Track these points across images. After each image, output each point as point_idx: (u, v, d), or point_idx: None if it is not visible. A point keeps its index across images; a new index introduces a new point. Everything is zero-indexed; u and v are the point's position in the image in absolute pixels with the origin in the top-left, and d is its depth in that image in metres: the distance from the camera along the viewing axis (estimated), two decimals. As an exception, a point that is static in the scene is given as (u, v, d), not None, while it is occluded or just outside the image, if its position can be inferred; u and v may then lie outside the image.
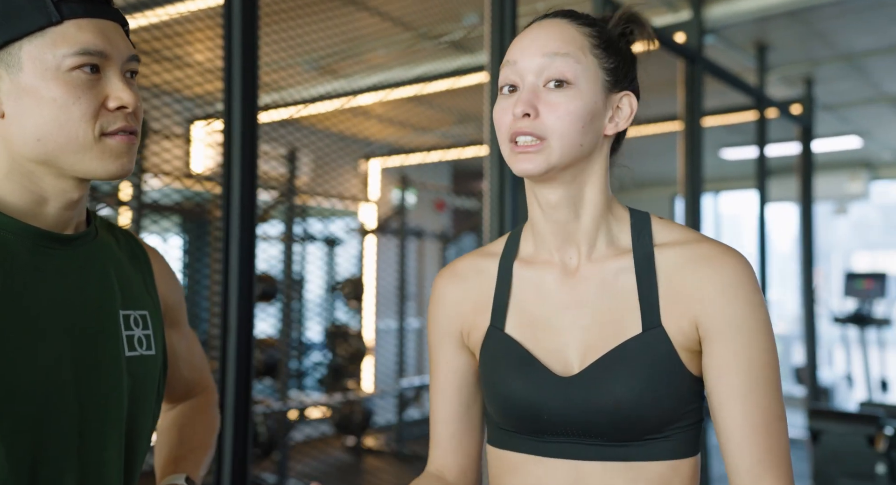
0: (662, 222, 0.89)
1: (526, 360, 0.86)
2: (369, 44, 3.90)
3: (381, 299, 5.69)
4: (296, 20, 3.11)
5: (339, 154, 5.30)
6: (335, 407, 4.95)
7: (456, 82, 3.81)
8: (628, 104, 0.86)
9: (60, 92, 0.77)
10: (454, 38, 3.73)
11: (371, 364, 5.47)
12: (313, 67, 4.06)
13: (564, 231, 0.88)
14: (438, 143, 5.66)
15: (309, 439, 5.11)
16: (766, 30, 3.91)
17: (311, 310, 5.30)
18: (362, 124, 5.26)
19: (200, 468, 1.00)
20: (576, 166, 0.85)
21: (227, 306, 1.55)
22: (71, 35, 0.77)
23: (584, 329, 0.86)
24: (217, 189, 3.95)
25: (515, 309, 0.90)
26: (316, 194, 4.81)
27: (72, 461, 0.80)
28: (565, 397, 0.83)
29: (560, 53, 0.82)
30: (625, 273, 0.86)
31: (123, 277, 0.90)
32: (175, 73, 3.16)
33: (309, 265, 5.07)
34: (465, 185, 6.60)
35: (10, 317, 0.76)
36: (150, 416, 0.92)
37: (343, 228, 5.60)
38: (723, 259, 0.83)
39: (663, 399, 0.81)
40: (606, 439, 0.83)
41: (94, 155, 0.79)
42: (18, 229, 0.80)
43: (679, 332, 0.83)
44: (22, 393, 0.75)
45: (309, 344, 5.31)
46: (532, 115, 0.82)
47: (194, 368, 1.07)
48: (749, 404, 0.80)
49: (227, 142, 1.57)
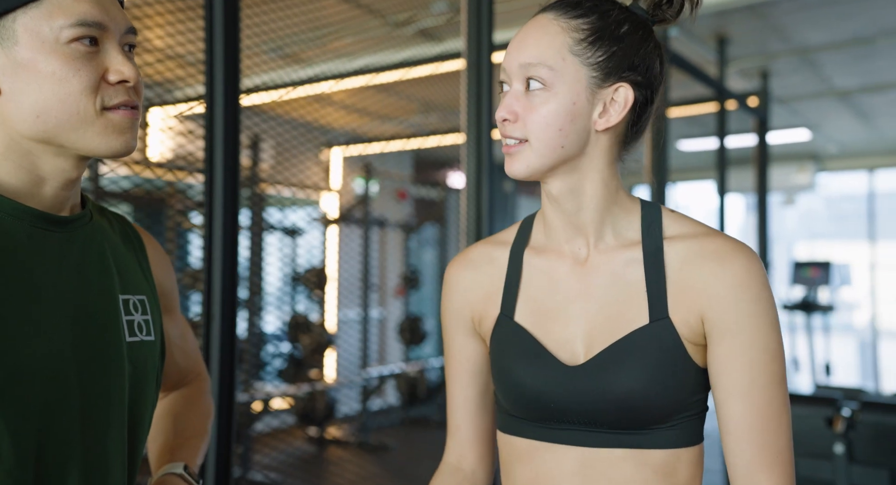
0: (673, 215, 0.90)
1: (534, 349, 0.87)
2: (332, 29, 3.85)
3: (344, 289, 5.65)
4: (260, 6, 3.05)
5: (300, 142, 5.22)
6: (298, 398, 4.91)
7: (421, 70, 3.79)
8: (623, 96, 0.84)
9: (59, 65, 0.74)
10: (422, 26, 3.71)
11: (334, 354, 5.43)
12: (277, 54, 3.99)
13: (571, 222, 0.89)
14: (404, 132, 5.63)
15: (272, 430, 5.05)
16: (726, 22, 4.00)
17: (273, 301, 5.23)
18: (324, 112, 5.19)
19: (197, 457, 0.99)
20: (568, 163, 0.85)
21: (210, 295, 1.52)
22: (67, 5, 0.74)
23: (591, 319, 0.87)
24: (168, 176, 3.85)
25: (525, 298, 0.91)
26: (278, 183, 4.74)
27: (76, 449, 0.77)
28: (572, 386, 0.85)
29: (533, 63, 0.83)
30: (633, 264, 0.87)
31: (120, 260, 0.88)
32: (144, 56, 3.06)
33: (270, 255, 4.99)
34: (427, 174, 6.59)
35: (11, 300, 0.73)
36: (150, 403, 0.89)
37: (305, 217, 5.53)
38: (732, 255, 0.83)
39: (669, 389, 0.83)
40: (613, 427, 0.84)
41: (96, 130, 0.76)
42: (15, 211, 0.76)
43: (685, 324, 0.84)
44: (26, 379, 0.73)
45: (271, 335, 5.24)
46: (512, 118, 0.84)
47: (187, 355, 1.05)
48: (750, 401, 0.81)
49: (208, 132, 1.53)
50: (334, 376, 5.48)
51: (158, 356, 0.91)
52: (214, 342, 1.51)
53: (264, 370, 5.09)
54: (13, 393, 0.71)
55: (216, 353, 1.51)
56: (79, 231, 0.83)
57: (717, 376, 0.83)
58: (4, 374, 0.71)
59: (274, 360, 5.16)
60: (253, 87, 3.79)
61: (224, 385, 1.52)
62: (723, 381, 0.83)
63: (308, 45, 3.97)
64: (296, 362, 4.98)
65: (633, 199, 0.92)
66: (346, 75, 4.01)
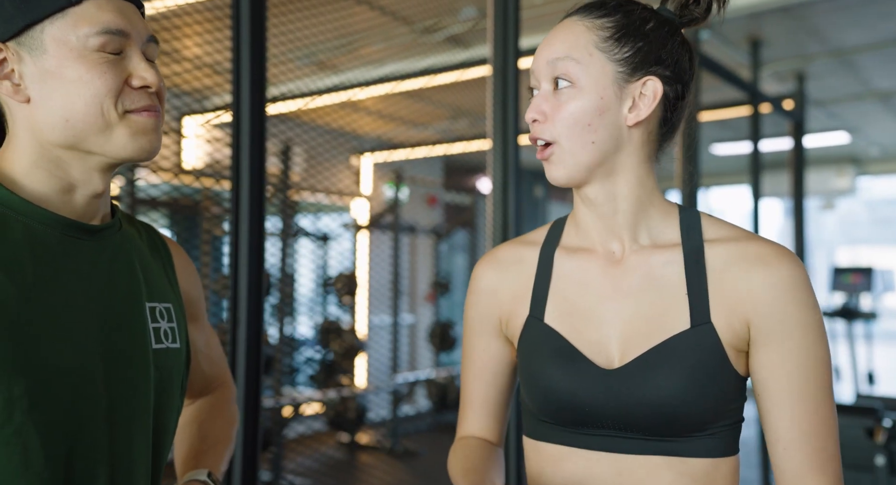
0: (713, 219, 0.89)
1: (566, 351, 0.86)
2: (366, 38, 3.88)
3: (375, 295, 5.68)
4: (292, 14, 3.08)
5: (331, 149, 5.27)
6: (329, 403, 4.94)
7: (450, 76, 3.80)
8: (651, 89, 0.84)
9: (84, 70, 0.76)
10: (452, 32, 3.72)
11: (364, 360, 5.46)
12: (310, 62, 4.04)
13: (606, 222, 0.88)
14: (432, 137, 5.65)
15: (303, 436, 5.09)
16: (760, 25, 3.93)
17: (304, 306, 5.27)
18: (354, 118, 5.24)
19: (221, 463, 1.00)
20: (604, 165, 0.85)
21: (236, 301, 1.53)
22: (92, 14, 0.77)
23: (626, 321, 0.85)
24: (208, 184, 3.92)
25: (556, 299, 0.89)
26: (310, 190, 4.79)
27: (103, 452, 0.79)
28: (608, 390, 0.83)
29: (560, 58, 0.84)
30: (671, 266, 0.85)
31: (148, 269, 0.89)
32: (172, 67, 3.12)
33: (301, 262, 5.04)
34: (457, 180, 6.60)
35: (42, 306, 0.75)
36: (175, 410, 0.91)
37: (336, 223, 5.57)
38: (777, 260, 0.82)
39: (709, 397, 0.81)
40: (649, 433, 0.82)
41: (119, 133, 0.78)
42: (47, 219, 0.78)
43: (729, 329, 0.82)
44: (55, 383, 0.74)
45: (302, 340, 5.28)
46: (541, 118, 0.84)
47: (213, 363, 1.06)
48: (799, 408, 0.80)
49: (235, 139, 1.55)
50: (365, 381, 5.50)
51: (184, 363, 0.92)
52: (240, 347, 1.53)
53: (296, 376, 5.13)
54: (42, 397, 0.73)
55: (242, 358, 1.52)
56: (108, 239, 0.85)
57: (764, 383, 0.82)
58: (34, 378, 0.72)
59: (305, 365, 5.20)
60: (279, 95, 3.84)
61: (250, 390, 1.53)
62: (770, 387, 0.81)
63: (337, 53, 4.01)
64: (327, 368, 5.01)
65: (671, 203, 0.91)
66: (374, 82, 4.04)
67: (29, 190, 0.79)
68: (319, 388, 4.96)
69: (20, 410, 0.71)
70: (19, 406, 0.71)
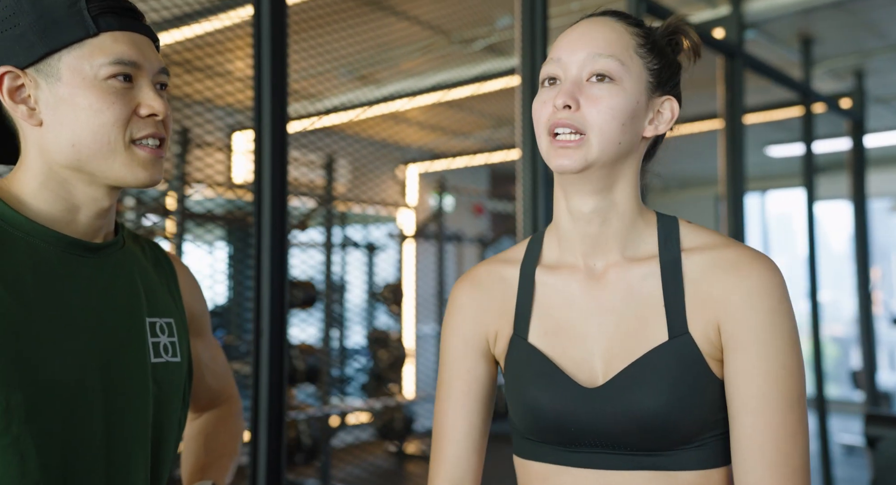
0: (691, 227, 0.87)
1: (550, 370, 0.85)
2: (403, 50, 3.92)
3: (422, 304, 5.70)
4: (331, 28, 3.14)
5: (377, 160, 5.33)
6: (376, 413, 4.97)
7: (491, 85, 3.80)
8: (669, 109, 0.85)
9: (95, 99, 0.80)
10: (489, 41, 3.72)
11: (412, 369, 5.48)
12: (351, 75, 4.10)
13: (593, 237, 0.86)
14: (474, 147, 5.65)
15: (351, 445, 5.13)
16: (811, 22, 3.79)
17: (353, 316, 5.33)
18: (400, 130, 5.29)
19: (226, 476, 1.02)
20: (610, 168, 0.83)
21: (259, 312, 1.56)
22: (107, 46, 0.81)
23: (608, 337, 0.84)
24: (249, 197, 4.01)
25: (539, 317, 0.88)
26: (356, 201, 4.85)
27: (99, 465, 0.81)
28: (592, 408, 0.81)
29: (604, 54, 0.81)
30: (650, 279, 0.84)
31: (149, 285, 0.92)
32: (216, 80, 3.21)
33: (350, 271, 5.10)
34: (502, 188, 6.58)
35: (42, 321, 0.78)
36: (176, 423, 0.92)
37: (383, 233, 5.63)
38: (750, 265, 0.80)
39: (693, 408, 0.79)
40: (636, 448, 0.81)
41: (122, 161, 0.82)
42: (50, 237, 0.82)
43: (705, 338, 0.81)
44: (51, 395, 0.77)
45: (351, 350, 5.34)
46: (573, 107, 0.80)
47: (218, 376, 1.08)
48: (762, 418, 0.77)
49: (257, 151, 1.58)
50: (412, 391, 5.52)
51: (185, 377, 0.94)
52: (263, 358, 1.55)
53: (343, 385, 5.19)
54: (39, 408, 0.76)
55: (265, 368, 1.55)
56: (109, 257, 0.88)
57: (730, 389, 0.79)
58: (31, 391, 0.75)
59: (351, 375, 5.25)
60: (324, 109, 3.90)
61: (273, 400, 1.55)
62: (735, 394, 0.79)
63: (379, 66, 4.06)
64: (374, 377, 5.05)
65: (651, 212, 0.89)
66: (415, 93, 4.07)
67: (35, 210, 0.83)
68: (367, 397, 5.00)
69: (17, 420, 0.74)
70: (17, 417, 0.74)
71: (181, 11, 2.57)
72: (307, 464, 4.29)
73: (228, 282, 4.59)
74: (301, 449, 4.19)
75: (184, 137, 3.48)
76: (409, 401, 5.12)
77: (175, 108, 3.33)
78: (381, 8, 3.29)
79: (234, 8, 2.49)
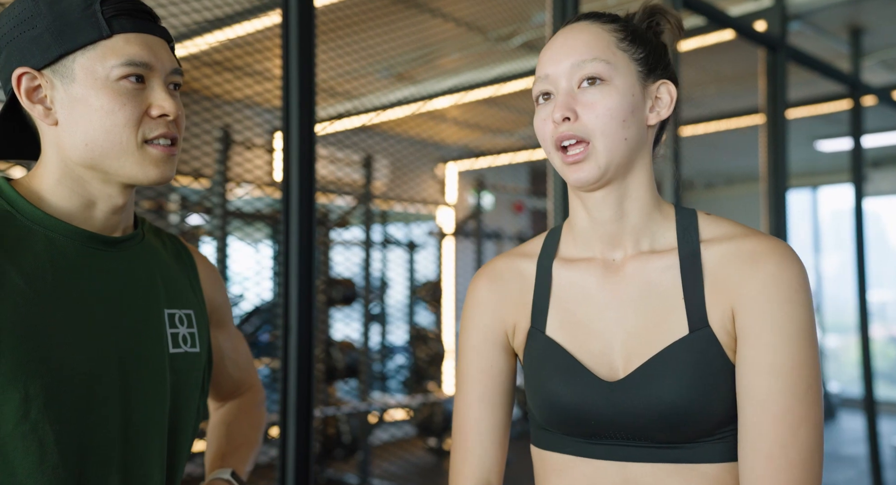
0: (710, 218, 0.87)
1: (569, 364, 0.85)
2: (442, 48, 3.93)
3: (460, 302, 5.71)
4: (371, 28, 3.18)
5: (416, 158, 5.36)
6: (416, 409, 5.00)
7: (529, 82, 3.78)
8: (667, 92, 0.86)
9: (108, 100, 0.82)
10: (525, 38, 3.70)
11: (451, 366, 5.50)
12: (390, 74, 4.14)
13: (610, 231, 0.86)
14: (514, 144, 5.63)
15: (391, 441, 5.18)
16: (860, 12, 3.66)
17: (393, 313, 5.37)
18: (438, 128, 5.30)
19: (246, 463, 1.04)
20: (628, 162, 0.84)
21: (287, 309, 1.59)
22: (119, 48, 0.83)
23: (627, 330, 0.84)
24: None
25: (556, 310, 0.88)
26: (396, 199, 4.89)
27: (116, 453, 0.84)
28: (612, 401, 0.81)
29: (588, 59, 0.83)
30: (669, 271, 0.83)
31: (169, 277, 0.95)
32: (265, 85, 3.28)
33: (391, 269, 5.15)
34: (542, 185, 6.54)
35: (60, 312, 0.81)
36: (194, 412, 0.95)
37: (423, 231, 5.65)
38: (768, 254, 0.79)
39: (714, 402, 0.78)
40: (656, 441, 0.81)
41: (135, 160, 0.84)
42: (68, 232, 0.85)
43: (724, 331, 0.80)
44: (69, 383, 0.80)
45: (392, 346, 5.39)
46: (572, 117, 0.82)
47: (240, 367, 1.11)
48: (763, 409, 0.76)
49: (286, 151, 1.62)
50: (452, 387, 5.54)
51: (204, 367, 0.97)
52: (292, 354, 1.58)
53: (384, 382, 5.24)
54: (57, 396, 0.79)
55: (293, 364, 1.58)
56: (128, 250, 0.91)
57: (738, 379, 0.79)
58: (50, 379, 0.79)
59: (391, 372, 5.29)
60: (362, 107, 3.94)
61: (302, 396, 1.58)
62: (742, 384, 0.78)
63: (415, 64, 4.08)
64: (414, 374, 5.09)
65: (669, 204, 0.89)
66: (452, 91, 4.08)
67: (54, 205, 0.86)
68: (407, 394, 5.04)
69: (36, 408, 0.77)
70: (35, 405, 0.77)
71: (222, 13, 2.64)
72: (346, 460, 4.35)
73: (274, 280, 4.68)
74: (341, 444, 4.25)
75: (225, 138, 3.56)
76: (448, 397, 5.14)
77: (226, 113, 3.42)
78: (416, 5, 3.31)
79: (265, 12, 2.54)
